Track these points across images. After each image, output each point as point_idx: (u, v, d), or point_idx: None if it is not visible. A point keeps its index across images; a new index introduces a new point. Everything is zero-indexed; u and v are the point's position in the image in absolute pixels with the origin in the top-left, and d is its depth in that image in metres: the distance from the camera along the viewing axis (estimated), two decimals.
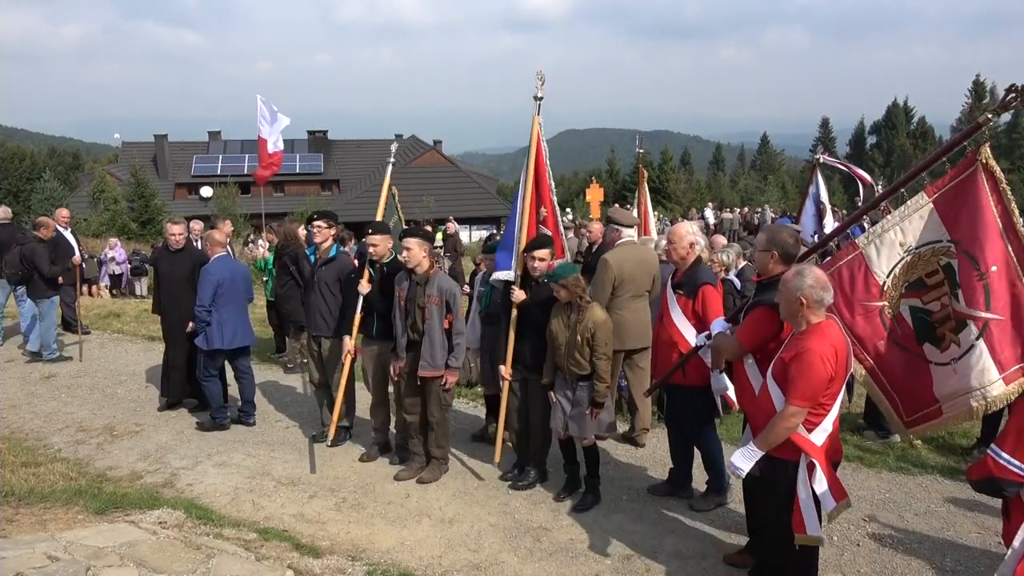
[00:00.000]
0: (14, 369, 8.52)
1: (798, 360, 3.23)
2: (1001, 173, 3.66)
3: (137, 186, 29.81)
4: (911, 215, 3.85)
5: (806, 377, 3.20)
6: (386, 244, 5.41)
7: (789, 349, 3.35)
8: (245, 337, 6.50)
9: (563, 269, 4.72)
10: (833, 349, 3.26)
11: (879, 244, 3.91)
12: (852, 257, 3.94)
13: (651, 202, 9.88)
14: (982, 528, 4.50)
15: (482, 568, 4.14)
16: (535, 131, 5.22)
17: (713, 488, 4.86)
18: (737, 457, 3.39)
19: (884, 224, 3.92)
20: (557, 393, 4.81)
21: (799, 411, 3.23)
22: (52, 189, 39.22)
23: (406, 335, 5.16)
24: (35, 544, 3.81)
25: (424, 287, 5.04)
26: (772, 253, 3.87)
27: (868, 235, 3.95)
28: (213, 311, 6.16)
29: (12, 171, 53.53)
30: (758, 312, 3.75)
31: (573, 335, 4.60)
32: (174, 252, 6.82)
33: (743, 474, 3.38)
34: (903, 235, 3.86)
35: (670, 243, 4.76)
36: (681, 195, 46.48)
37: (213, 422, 6.42)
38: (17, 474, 5.26)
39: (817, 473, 3.27)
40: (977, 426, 5.88)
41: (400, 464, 5.55)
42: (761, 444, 3.34)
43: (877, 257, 3.89)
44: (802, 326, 3.34)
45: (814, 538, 3.32)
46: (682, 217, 25.29)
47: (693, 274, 4.63)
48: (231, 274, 6.37)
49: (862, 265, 3.91)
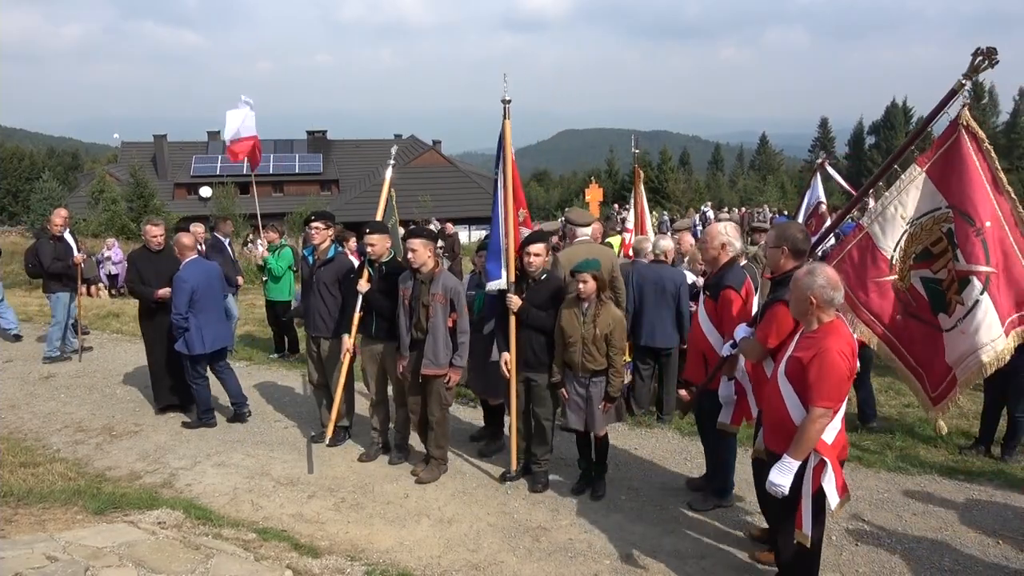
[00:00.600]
0: (13, 369, 8.52)
1: (819, 360, 3.19)
2: (983, 133, 3.81)
3: (136, 186, 29.80)
4: (907, 187, 3.99)
5: (829, 377, 3.17)
6: (384, 244, 5.42)
7: (804, 348, 3.31)
8: (224, 339, 6.62)
9: (587, 263, 4.75)
10: (850, 346, 3.26)
11: (882, 221, 4.04)
12: (860, 238, 4.08)
13: (651, 202, 9.92)
14: (980, 528, 4.51)
15: (481, 568, 4.15)
16: (507, 135, 5.16)
17: (715, 490, 4.85)
18: (775, 475, 3.28)
19: (883, 200, 4.05)
20: (568, 389, 4.83)
21: (827, 412, 3.19)
22: (51, 189, 39.20)
23: (410, 334, 5.17)
24: (34, 544, 3.81)
25: (429, 286, 5.07)
26: (782, 249, 3.87)
27: (870, 214, 4.08)
28: (191, 317, 6.15)
29: (11, 171, 53.52)
30: (775, 309, 3.74)
31: (591, 330, 4.63)
32: (155, 253, 6.77)
33: (785, 490, 3.26)
34: (903, 208, 4.00)
35: (702, 243, 4.72)
36: (680, 195, 46.50)
37: (200, 421, 6.48)
38: (16, 474, 5.26)
39: (828, 471, 3.26)
40: (976, 426, 5.90)
41: (400, 463, 5.57)
42: (796, 453, 3.25)
43: (882, 234, 4.02)
44: (813, 325, 3.32)
45: (804, 536, 3.32)
46: (681, 216, 25.33)
47: (721, 276, 4.49)
48: (205, 278, 6.36)
49: (869, 243, 4.03)
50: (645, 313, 6.26)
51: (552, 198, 57.40)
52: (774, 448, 3.44)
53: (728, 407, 4.47)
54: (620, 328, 4.73)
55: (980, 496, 4.95)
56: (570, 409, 4.85)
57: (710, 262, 4.61)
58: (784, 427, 3.37)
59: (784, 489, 3.26)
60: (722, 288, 4.41)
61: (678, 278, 6.36)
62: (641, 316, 6.26)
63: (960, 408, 6.74)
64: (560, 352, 4.86)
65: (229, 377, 6.66)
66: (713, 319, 4.51)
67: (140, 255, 6.95)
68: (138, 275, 6.79)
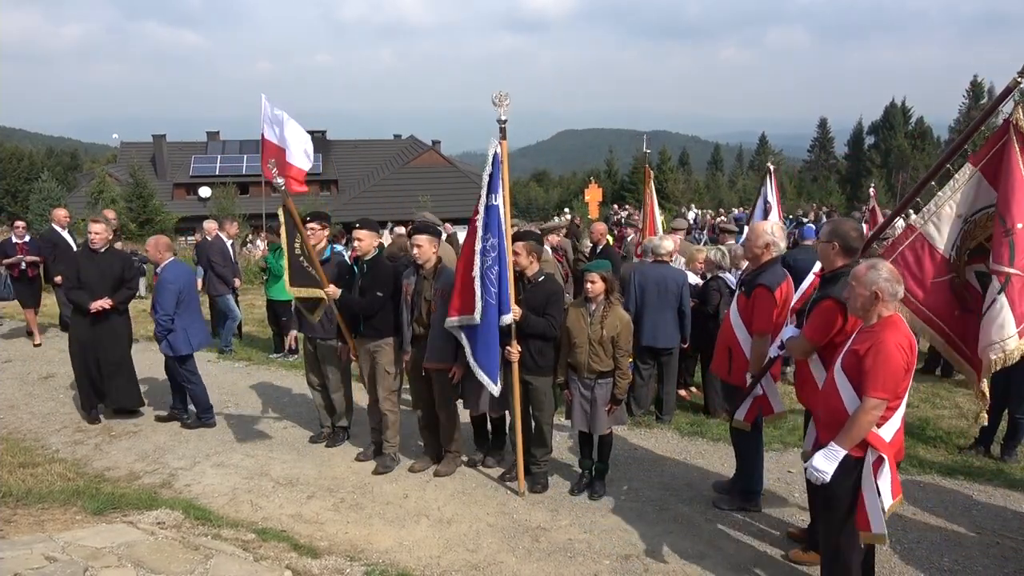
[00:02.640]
0: (12, 369, 8.51)
1: (875, 351, 3.15)
2: None
3: (136, 186, 29.76)
4: (961, 187, 4.02)
5: (884, 368, 3.13)
6: (371, 240, 5.38)
7: (861, 341, 3.27)
8: (205, 338, 6.65)
9: (597, 264, 4.75)
10: (908, 340, 3.22)
11: (937, 221, 4.10)
12: (912, 239, 4.12)
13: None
14: (980, 528, 4.50)
15: (480, 568, 4.14)
16: (505, 159, 4.69)
17: (739, 490, 4.82)
18: (819, 460, 3.24)
19: (937, 200, 4.10)
20: (573, 391, 4.83)
21: (880, 403, 3.15)
22: (50, 189, 39.14)
23: (411, 329, 5.17)
24: (33, 545, 3.80)
25: (431, 281, 5.06)
26: (833, 244, 3.84)
27: (924, 214, 4.09)
28: (177, 318, 6.15)
29: (10, 171, 53.49)
30: (825, 306, 3.72)
31: (598, 331, 4.62)
32: (97, 253, 6.46)
33: (827, 478, 3.21)
34: (958, 207, 4.03)
35: (747, 239, 4.73)
36: (680, 195, 46.53)
37: (199, 421, 6.49)
38: (15, 474, 5.25)
39: (884, 469, 3.23)
40: (975, 427, 5.90)
41: (387, 472, 5.52)
42: (844, 442, 3.20)
43: (938, 233, 4.05)
44: (873, 319, 3.27)
45: (880, 536, 3.26)
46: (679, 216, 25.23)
47: (758, 274, 4.49)
48: (187, 278, 6.40)
49: (925, 244, 4.07)
50: (648, 313, 6.26)
51: (551, 198, 57.42)
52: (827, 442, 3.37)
53: (744, 405, 4.48)
54: (627, 330, 4.72)
55: (980, 496, 4.95)
56: (574, 410, 4.85)
57: (752, 260, 4.61)
58: (839, 421, 3.31)
59: (826, 476, 3.21)
60: (755, 286, 4.41)
61: (680, 278, 6.38)
62: (644, 316, 6.26)
63: (959, 408, 6.75)
64: (565, 353, 4.85)
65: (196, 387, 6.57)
66: (743, 315, 4.52)
67: (82, 254, 6.60)
68: (77, 277, 6.39)
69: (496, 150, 4.64)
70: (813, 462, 3.26)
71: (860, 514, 3.27)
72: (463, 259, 4.83)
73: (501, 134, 4.65)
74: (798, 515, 4.67)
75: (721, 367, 4.74)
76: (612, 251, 9.50)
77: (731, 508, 4.77)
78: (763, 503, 4.79)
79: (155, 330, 6.25)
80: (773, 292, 4.34)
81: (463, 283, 4.79)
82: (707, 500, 4.93)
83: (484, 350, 4.78)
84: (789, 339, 4.02)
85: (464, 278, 4.78)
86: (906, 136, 59.14)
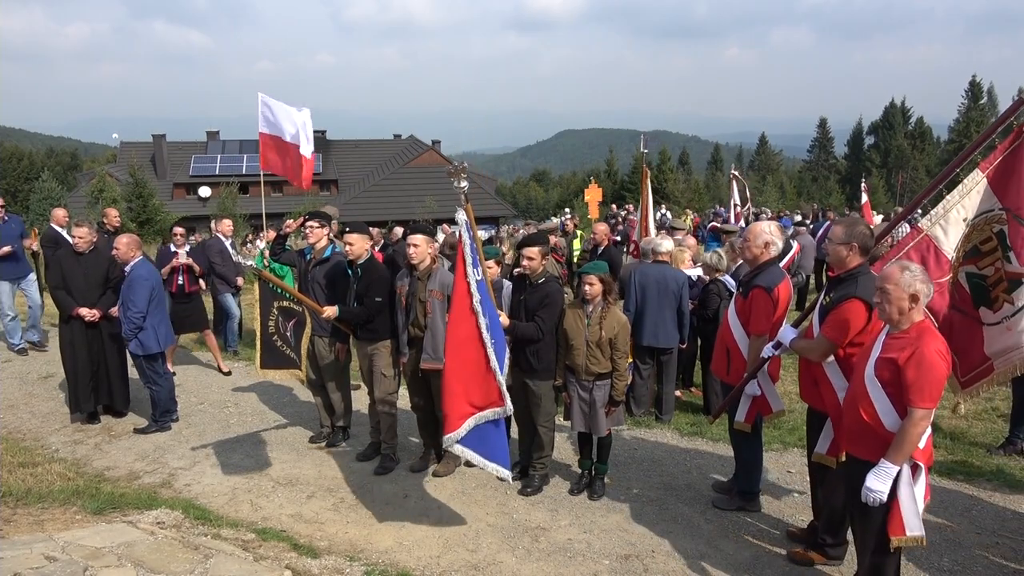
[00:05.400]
0: (12, 369, 8.50)
1: (916, 362, 3.09)
2: None
3: (136, 186, 29.75)
4: (969, 192, 4.10)
5: (928, 378, 3.08)
6: (363, 244, 5.36)
7: (898, 349, 3.18)
8: (171, 336, 6.71)
9: (595, 266, 4.75)
10: (944, 346, 3.18)
11: (944, 224, 4.16)
12: (918, 241, 4.17)
13: (652, 201, 9.97)
14: (979, 528, 4.50)
15: (480, 568, 4.14)
16: (474, 224, 4.23)
17: (739, 490, 4.82)
18: (872, 481, 3.18)
19: (945, 204, 4.15)
20: (571, 393, 4.83)
21: (928, 413, 3.11)
22: (50, 189, 39.19)
23: (407, 331, 5.16)
24: (32, 544, 3.80)
25: (426, 282, 5.06)
26: (851, 245, 3.78)
27: (931, 217, 4.16)
28: (147, 316, 6.10)
29: (10, 171, 53.52)
30: (849, 306, 3.67)
31: (595, 333, 4.62)
32: (82, 255, 6.48)
33: (883, 497, 3.16)
34: (965, 211, 4.10)
35: (745, 240, 4.67)
36: (679, 195, 46.52)
37: (155, 424, 6.40)
38: (15, 474, 5.25)
39: (921, 475, 3.22)
40: (974, 426, 5.90)
41: (385, 474, 5.51)
42: (896, 457, 3.15)
43: (945, 236, 4.12)
44: (904, 324, 3.21)
45: (916, 538, 3.22)
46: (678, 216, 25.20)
47: (756, 275, 4.47)
48: (157, 276, 6.41)
49: (931, 246, 4.13)
50: (648, 313, 6.26)
51: (551, 198, 57.43)
52: (858, 454, 3.34)
53: (743, 406, 4.48)
54: (624, 332, 4.72)
55: (980, 496, 4.94)
56: (573, 412, 4.85)
57: (751, 260, 4.57)
58: (872, 431, 3.25)
59: (882, 496, 3.16)
60: (753, 286, 4.40)
61: (680, 278, 6.38)
62: (644, 316, 6.27)
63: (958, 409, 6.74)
64: (563, 355, 4.84)
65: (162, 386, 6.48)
66: (741, 316, 4.51)
67: (66, 256, 6.61)
68: (62, 278, 6.40)
69: (462, 216, 4.20)
70: (868, 484, 3.19)
71: (895, 518, 3.23)
72: (468, 342, 4.17)
73: (464, 199, 4.19)
74: (798, 515, 4.67)
75: (720, 367, 4.75)
76: (613, 252, 9.47)
77: (731, 508, 4.76)
78: (763, 503, 4.80)
79: (124, 329, 6.09)
80: (770, 293, 4.33)
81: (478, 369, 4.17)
82: (707, 500, 4.93)
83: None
84: (793, 340, 4.00)
85: (477, 358, 4.17)
86: (906, 136, 59.20)
